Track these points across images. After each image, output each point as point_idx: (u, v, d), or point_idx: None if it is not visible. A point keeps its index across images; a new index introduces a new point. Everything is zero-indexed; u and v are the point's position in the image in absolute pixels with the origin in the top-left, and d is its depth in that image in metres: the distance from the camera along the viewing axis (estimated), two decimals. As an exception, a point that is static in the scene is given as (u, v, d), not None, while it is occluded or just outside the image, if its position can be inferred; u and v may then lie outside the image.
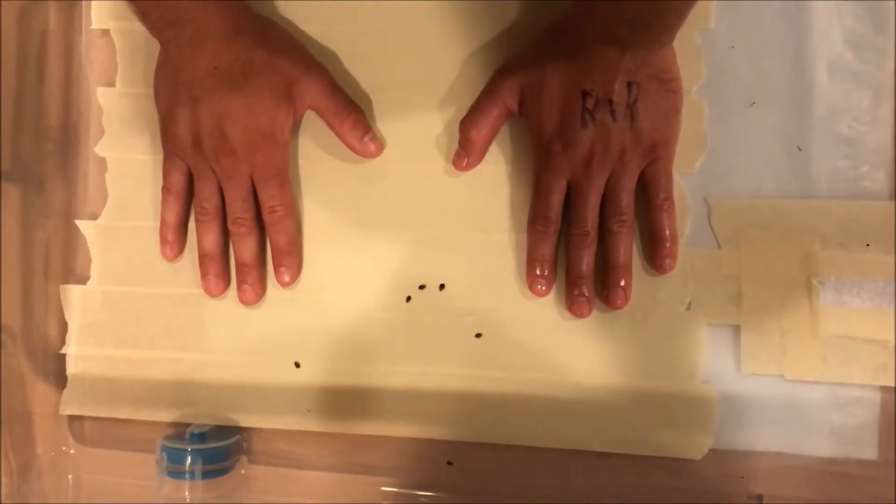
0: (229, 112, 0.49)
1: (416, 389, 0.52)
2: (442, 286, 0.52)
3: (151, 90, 0.53)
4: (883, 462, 0.48)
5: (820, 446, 0.49)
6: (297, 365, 0.53)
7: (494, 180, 0.52)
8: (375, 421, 0.53)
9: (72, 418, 0.57)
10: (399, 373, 0.52)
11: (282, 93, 0.50)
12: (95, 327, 0.56)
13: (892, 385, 0.48)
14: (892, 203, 0.48)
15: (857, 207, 0.49)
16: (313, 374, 0.53)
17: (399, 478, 0.53)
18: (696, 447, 0.49)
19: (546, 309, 0.51)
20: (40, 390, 0.56)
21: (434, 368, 0.52)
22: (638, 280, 0.50)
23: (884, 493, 0.48)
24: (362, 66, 0.53)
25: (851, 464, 0.48)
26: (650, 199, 0.49)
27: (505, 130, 0.52)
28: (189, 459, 0.51)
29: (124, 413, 0.55)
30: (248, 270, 0.53)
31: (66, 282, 0.57)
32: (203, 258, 0.53)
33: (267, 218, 0.52)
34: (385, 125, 0.53)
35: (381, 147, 0.53)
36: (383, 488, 0.53)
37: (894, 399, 0.48)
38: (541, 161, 0.49)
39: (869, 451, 0.48)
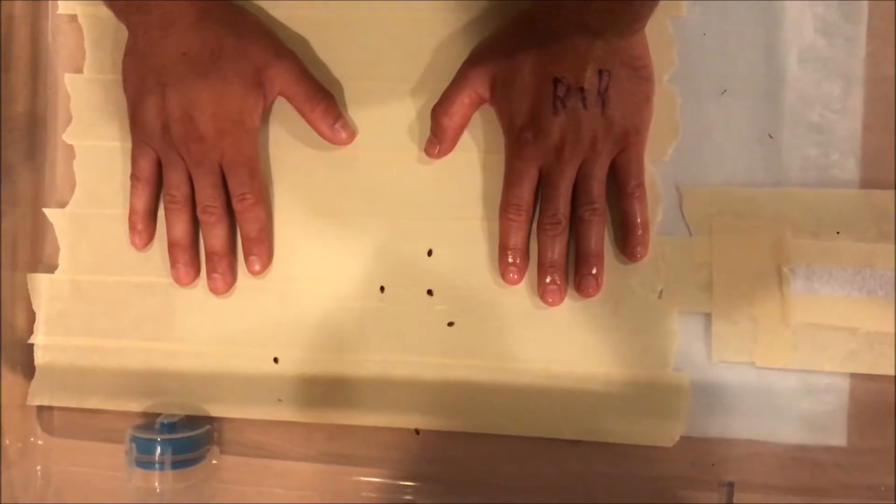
0: (198, 99, 0.49)
1: (389, 378, 0.52)
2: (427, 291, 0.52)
3: (120, 76, 0.52)
4: (852, 449, 0.49)
5: (790, 433, 0.49)
6: (276, 360, 0.53)
7: (466, 168, 0.52)
8: (347, 410, 0.52)
9: (40, 409, 0.56)
10: (371, 362, 0.52)
11: (251, 79, 0.50)
12: (64, 317, 0.55)
13: (862, 372, 0.48)
14: (862, 191, 0.48)
15: (828, 195, 0.49)
16: (285, 364, 0.53)
17: (371, 467, 0.53)
18: (667, 435, 0.49)
19: (518, 297, 0.51)
20: (8, 380, 0.56)
21: (406, 357, 0.52)
22: (609, 268, 0.50)
23: (852, 480, 0.49)
24: (333, 52, 0.53)
25: (821, 451, 0.49)
26: (621, 186, 0.49)
27: (477, 118, 0.51)
28: (158, 449, 0.50)
29: (93, 403, 0.55)
30: (218, 259, 0.52)
31: (34, 270, 0.56)
32: (172, 247, 0.52)
33: (237, 206, 0.51)
34: (356, 112, 0.53)
35: (352, 134, 0.52)
36: (355, 478, 0.53)
37: (863, 386, 0.48)
38: (512, 149, 0.49)
39: (838, 438, 0.49)
